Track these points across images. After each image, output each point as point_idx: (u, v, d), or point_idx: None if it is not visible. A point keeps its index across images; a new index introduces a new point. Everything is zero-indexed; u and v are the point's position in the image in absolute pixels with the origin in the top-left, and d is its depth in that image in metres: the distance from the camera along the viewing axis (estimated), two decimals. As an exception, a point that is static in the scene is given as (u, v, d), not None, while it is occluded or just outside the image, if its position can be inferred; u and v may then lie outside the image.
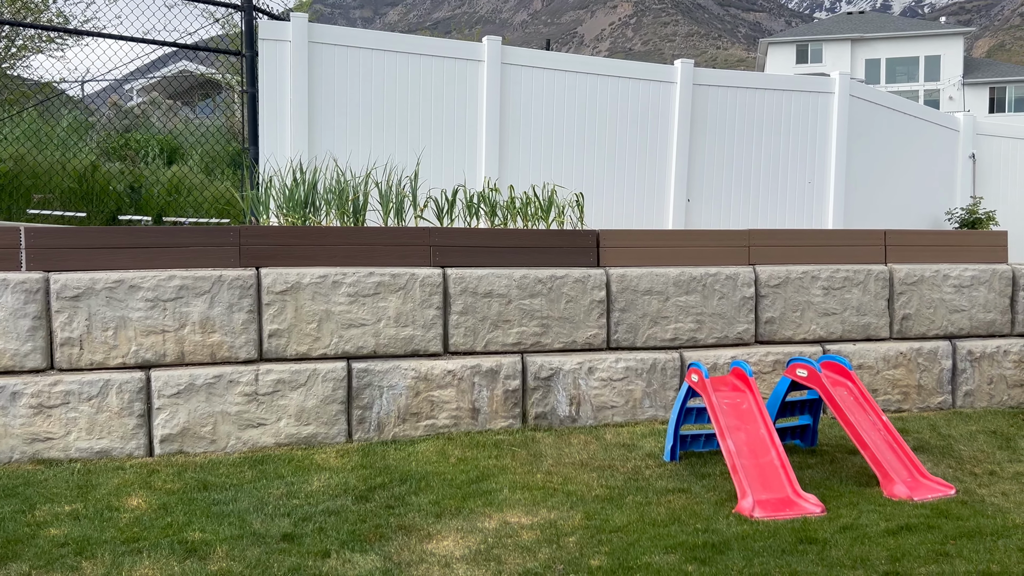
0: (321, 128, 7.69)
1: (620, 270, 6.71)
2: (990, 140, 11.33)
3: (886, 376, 7.13)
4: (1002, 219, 10.98)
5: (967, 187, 11.21)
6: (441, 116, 8.25)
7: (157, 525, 4.60)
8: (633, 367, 6.61)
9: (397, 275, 6.16)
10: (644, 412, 6.65)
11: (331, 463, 5.67)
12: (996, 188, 11.42)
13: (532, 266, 6.58)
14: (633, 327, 6.71)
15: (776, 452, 5.20)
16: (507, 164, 8.40)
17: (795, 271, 7.07)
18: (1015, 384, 7.43)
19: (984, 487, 5.39)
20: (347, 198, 6.27)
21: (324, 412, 5.97)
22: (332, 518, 4.74)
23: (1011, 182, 11.60)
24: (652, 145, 9.19)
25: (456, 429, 6.25)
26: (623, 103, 9.03)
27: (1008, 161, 11.57)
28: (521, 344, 6.46)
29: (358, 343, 6.08)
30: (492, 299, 6.36)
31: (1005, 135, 11.49)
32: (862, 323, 7.21)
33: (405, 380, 6.11)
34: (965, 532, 4.53)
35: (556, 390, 6.45)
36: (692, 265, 6.92)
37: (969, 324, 7.43)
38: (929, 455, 6.03)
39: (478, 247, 6.43)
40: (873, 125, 10.27)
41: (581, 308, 6.58)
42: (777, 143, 9.67)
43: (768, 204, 9.68)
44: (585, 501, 5.04)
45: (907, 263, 7.41)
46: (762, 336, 7.03)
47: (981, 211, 10.56)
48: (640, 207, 9.08)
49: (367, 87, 8.02)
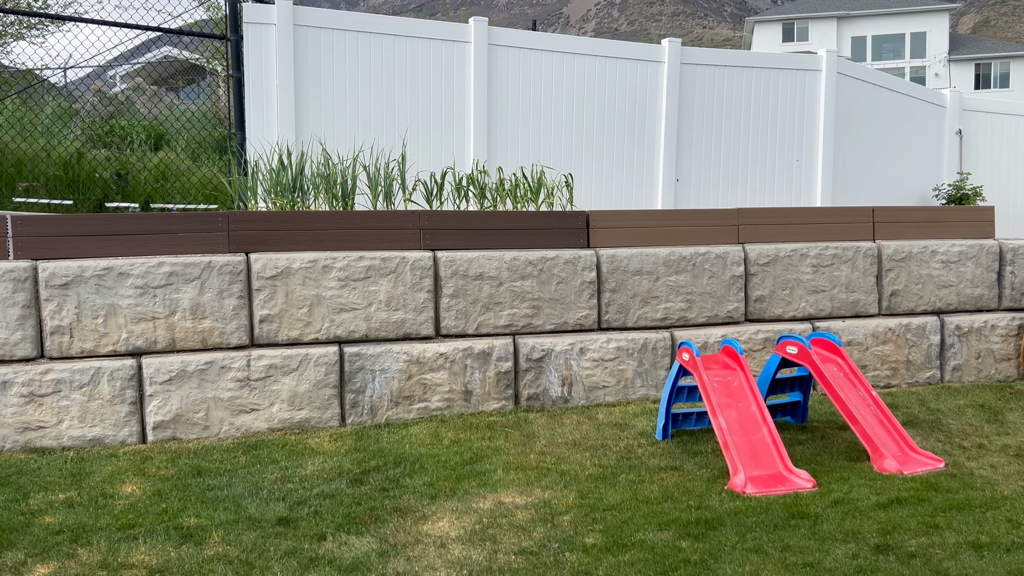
0: (308, 112, 7.64)
1: (610, 250, 6.72)
2: (977, 116, 11.36)
3: (875, 352, 7.18)
4: (989, 195, 11.04)
5: (954, 163, 11.25)
6: (429, 98, 8.21)
7: (152, 511, 4.60)
8: (624, 347, 6.63)
9: (387, 259, 6.15)
10: (636, 392, 6.69)
11: (325, 447, 5.68)
12: (983, 164, 11.47)
13: (522, 248, 6.58)
14: (624, 307, 6.73)
15: (767, 429, 5.24)
16: (495, 146, 8.37)
17: (784, 249, 7.10)
18: (1002, 358, 7.50)
19: (973, 460, 5.45)
20: (335, 182, 6.25)
21: (317, 396, 5.97)
22: (327, 501, 4.75)
23: (998, 158, 11.65)
24: (640, 125, 9.18)
25: (449, 411, 6.27)
26: (611, 83, 9.01)
27: (995, 137, 11.62)
28: (513, 326, 6.47)
29: (349, 327, 6.08)
30: (483, 281, 6.36)
31: (991, 111, 11.52)
32: (851, 300, 7.25)
33: (397, 363, 6.12)
34: (955, 504, 4.59)
35: (548, 371, 6.47)
36: (682, 245, 6.93)
37: (957, 299, 7.49)
38: (918, 429, 6.09)
39: (468, 230, 6.42)
40: (860, 102, 10.29)
41: (572, 289, 6.59)
42: (765, 121, 9.68)
43: (757, 183, 9.70)
44: (579, 480, 5.07)
45: (895, 240, 7.45)
46: (752, 314, 7.06)
47: (968, 187, 10.60)
48: (629, 188, 9.08)
49: (353, 70, 7.97)
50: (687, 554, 4.01)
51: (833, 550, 4.03)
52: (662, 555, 4.00)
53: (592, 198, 8.71)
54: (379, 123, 7.94)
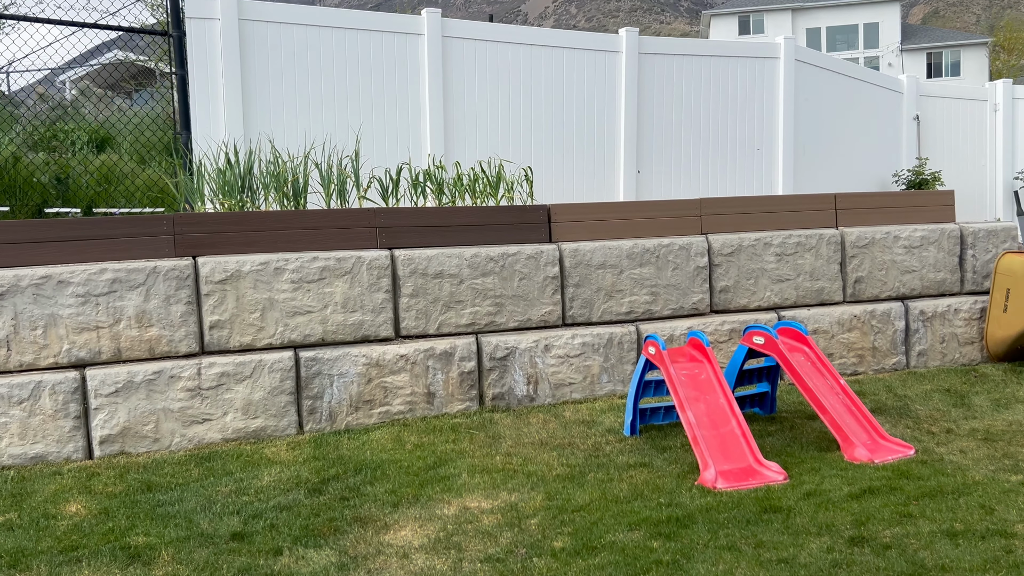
0: (257, 109, 7.39)
1: (573, 245, 6.58)
2: (933, 101, 11.42)
3: (841, 340, 7.13)
4: (947, 179, 11.10)
5: (912, 148, 11.30)
6: (383, 93, 7.99)
7: (98, 531, 4.36)
8: (590, 342, 6.49)
9: (342, 259, 5.94)
10: (602, 388, 6.55)
11: (282, 456, 5.47)
12: (940, 149, 11.54)
13: (483, 244, 6.41)
14: (588, 302, 6.59)
15: (736, 421, 5.14)
16: (453, 141, 8.18)
17: (748, 239, 7.01)
18: (966, 342, 7.50)
19: (942, 445, 5.40)
20: (285, 180, 6.02)
21: (272, 404, 5.75)
22: (284, 514, 4.54)
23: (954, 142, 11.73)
24: (600, 117, 9.05)
25: (412, 415, 6.08)
26: (569, 74, 8.87)
27: (951, 122, 11.70)
28: (475, 324, 6.30)
29: (305, 331, 5.86)
30: (443, 280, 6.18)
31: (947, 95, 11.60)
32: (816, 288, 7.20)
33: (356, 367, 5.91)
34: (927, 492, 4.52)
35: (513, 370, 6.31)
36: (645, 237, 6.81)
37: (920, 284, 7.47)
38: (887, 416, 6.04)
39: (426, 227, 6.24)
40: (819, 89, 10.27)
41: (535, 285, 6.44)
42: (725, 110, 9.61)
43: (719, 172, 9.63)
44: (546, 481, 4.92)
45: (858, 226, 7.41)
46: (717, 305, 6.97)
47: (927, 172, 10.65)
48: (591, 180, 8.96)
49: (303, 65, 7.72)
50: (659, 555, 3.87)
51: (807, 544, 3.93)
52: (633, 557, 3.86)
53: (553, 192, 8.57)
54: (331, 119, 7.71)
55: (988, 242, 7.65)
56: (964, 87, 12.04)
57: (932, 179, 10.51)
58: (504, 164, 7.32)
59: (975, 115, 11.83)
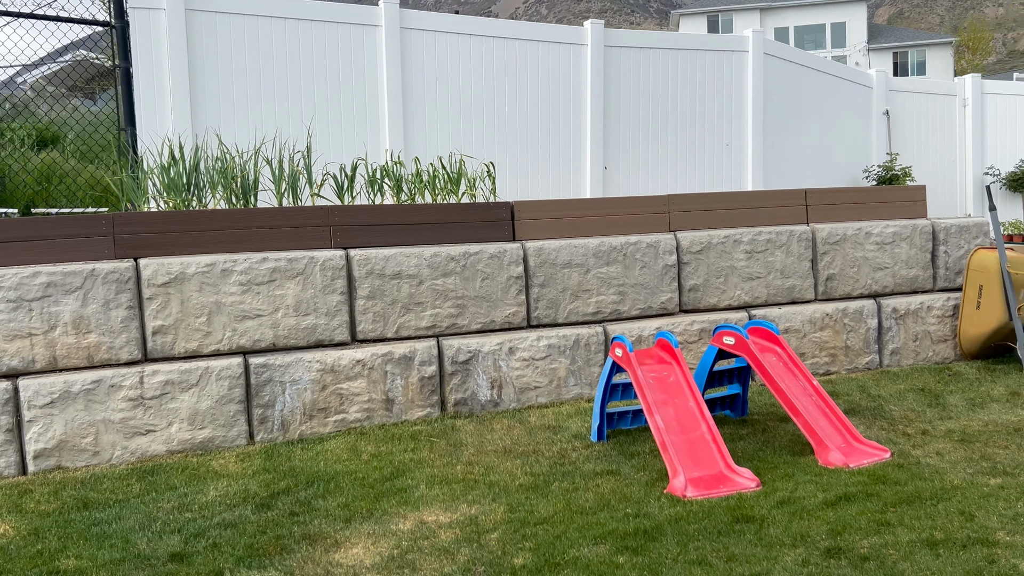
0: (205, 103, 7.07)
1: (537, 243, 6.34)
2: (903, 96, 11.34)
3: (813, 339, 6.96)
4: (917, 175, 11.02)
5: (883, 144, 11.20)
6: (339, 86, 7.70)
7: (25, 554, 4.04)
8: (555, 344, 6.26)
9: (294, 259, 5.65)
10: (569, 391, 6.32)
11: (230, 469, 5.16)
12: (910, 144, 11.45)
13: (444, 243, 6.15)
14: (554, 302, 6.36)
15: (707, 426, 4.92)
16: (412, 136, 7.91)
17: (717, 236, 6.82)
18: (939, 340, 7.37)
19: (918, 448, 5.23)
20: (234, 176, 5.72)
21: (221, 413, 5.44)
22: (228, 531, 4.25)
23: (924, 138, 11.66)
24: (566, 111, 8.82)
25: (369, 422, 5.80)
26: (534, 68, 8.63)
27: (921, 117, 11.62)
28: (436, 327, 6.03)
29: (254, 336, 5.56)
30: (402, 280, 5.91)
31: (917, 90, 11.51)
32: (787, 286, 7.02)
33: (309, 373, 5.62)
34: (904, 498, 4.33)
35: (476, 374, 6.05)
36: (612, 235, 6.60)
37: (893, 281, 7.33)
38: (861, 418, 5.87)
39: (383, 225, 5.96)
40: (788, 84, 10.13)
41: (498, 285, 6.19)
42: (693, 105, 9.43)
43: (687, 168, 9.44)
44: (508, 492, 4.67)
45: (829, 222, 7.25)
46: (686, 304, 6.76)
47: (898, 167, 10.54)
48: (557, 177, 8.73)
49: (254, 57, 7.41)
50: (625, 571, 3.64)
51: (782, 557, 3.71)
52: (598, 574, 3.62)
53: (518, 189, 8.33)
54: (284, 113, 7.40)
55: (960, 238, 7.52)
56: (933, 82, 11.97)
57: (903, 174, 10.41)
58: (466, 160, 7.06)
59: (944, 110, 11.77)
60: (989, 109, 11.62)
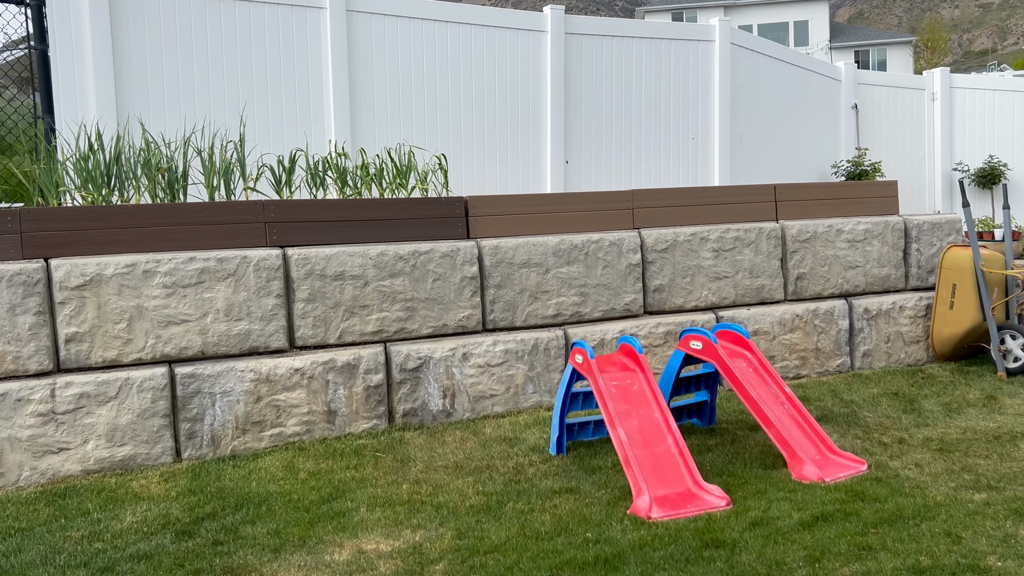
0: (132, 89, 6.55)
1: (493, 241, 5.93)
2: (871, 90, 11.09)
3: (783, 341, 6.64)
4: (887, 170, 10.78)
5: (851, 138, 10.94)
6: (279, 72, 7.20)
7: (-96, 597, 3.54)
8: (513, 349, 5.85)
9: (225, 259, 5.17)
10: (528, 399, 5.92)
11: (152, 490, 4.68)
12: (879, 139, 11.21)
13: (392, 241, 5.71)
14: (511, 305, 5.95)
15: (673, 438, 4.55)
16: (360, 126, 7.45)
17: (683, 233, 6.46)
18: (911, 341, 7.09)
19: (896, 458, 4.91)
20: (158, 168, 5.22)
21: (143, 428, 4.95)
22: (141, 565, 3.79)
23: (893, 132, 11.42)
24: (525, 102, 8.41)
25: (309, 436, 5.34)
26: (491, 55, 8.20)
27: (889, 111, 11.38)
28: (383, 332, 5.59)
29: (181, 343, 5.08)
30: (345, 282, 5.46)
31: (885, 84, 11.28)
32: (756, 286, 6.69)
33: (243, 384, 5.15)
34: (886, 517, 4.00)
35: (426, 382, 5.62)
36: (573, 232, 6.21)
37: (864, 280, 7.03)
38: (834, 425, 5.55)
39: (325, 222, 5.51)
40: (756, 75, 9.81)
41: (451, 287, 5.76)
42: (659, 97, 9.07)
43: (652, 163, 9.09)
44: (458, 514, 4.25)
45: (799, 219, 6.93)
46: (651, 306, 6.40)
47: (867, 163, 10.29)
48: (515, 171, 8.32)
49: (186, 39, 6.88)
50: (583, 609, 3.25)
51: (756, 590, 3.35)
52: (553, 614, 3.23)
53: (475, 184, 7.91)
54: (220, 100, 6.89)
55: (932, 235, 7.26)
56: (902, 75, 11.75)
57: (872, 170, 10.15)
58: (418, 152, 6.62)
59: (913, 104, 11.54)
60: (958, 103, 11.43)
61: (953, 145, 11.47)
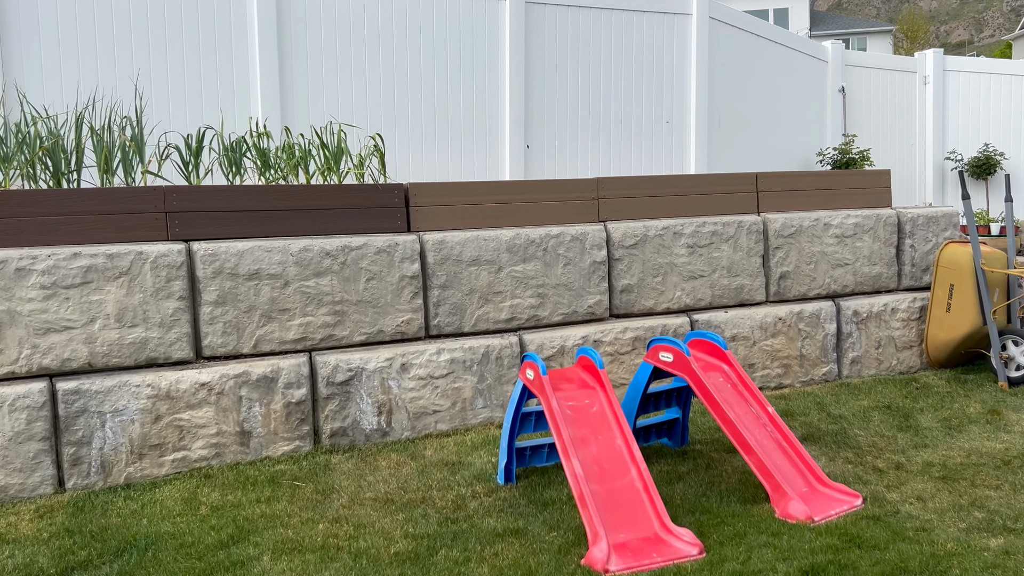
0: (14, 53, 5.74)
1: (438, 235, 5.20)
2: (860, 72, 10.41)
3: (764, 347, 5.98)
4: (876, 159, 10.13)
5: (838, 124, 10.27)
6: (195, 39, 6.39)
7: None
8: (460, 358, 5.14)
9: (117, 255, 4.41)
10: (477, 415, 5.22)
11: (21, 530, 3.94)
12: (867, 125, 10.54)
13: (318, 235, 4.97)
14: (458, 308, 5.24)
15: (637, 470, 3.87)
16: (292, 102, 6.66)
17: (654, 227, 5.77)
18: (904, 346, 6.46)
19: (894, 488, 4.26)
20: (42, 147, 4.44)
21: (17, 455, 4.20)
22: (-22, 638, 3.05)
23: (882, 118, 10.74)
24: (480, 79, 7.66)
25: (219, 461, 4.61)
26: (442, 25, 7.43)
27: (878, 95, 10.69)
28: (307, 340, 4.86)
29: (63, 354, 4.31)
30: (261, 282, 4.72)
31: (874, 66, 10.60)
32: (734, 286, 6.02)
33: (138, 401, 4.40)
34: (888, 570, 3.34)
35: (358, 397, 4.90)
36: (530, 225, 5.50)
37: (854, 280, 6.39)
38: (822, 446, 4.89)
39: (238, 212, 4.76)
40: (737, 53, 9.10)
41: (388, 287, 5.04)
42: (630, 76, 8.34)
43: (622, 149, 8.37)
44: (379, 565, 3.55)
45: (783, 211, 6.27)
46: (618, 308, 5.71)
47: (855, 150, 9.62)
48: (470, 156, 7.57)
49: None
50: None
51: None
52: None
53: (424, 170, 7.17)
54: (124, 67, 6.06)
55: (928, 230, 6.62)
56: (892, 57, 11.08)
57: (860, 158, 9.49)
58: (357, 134, 5.85)
59: (904, 88, 10.88)
60: (951, 88, 10.79)
61: (946, 133, 10.84)
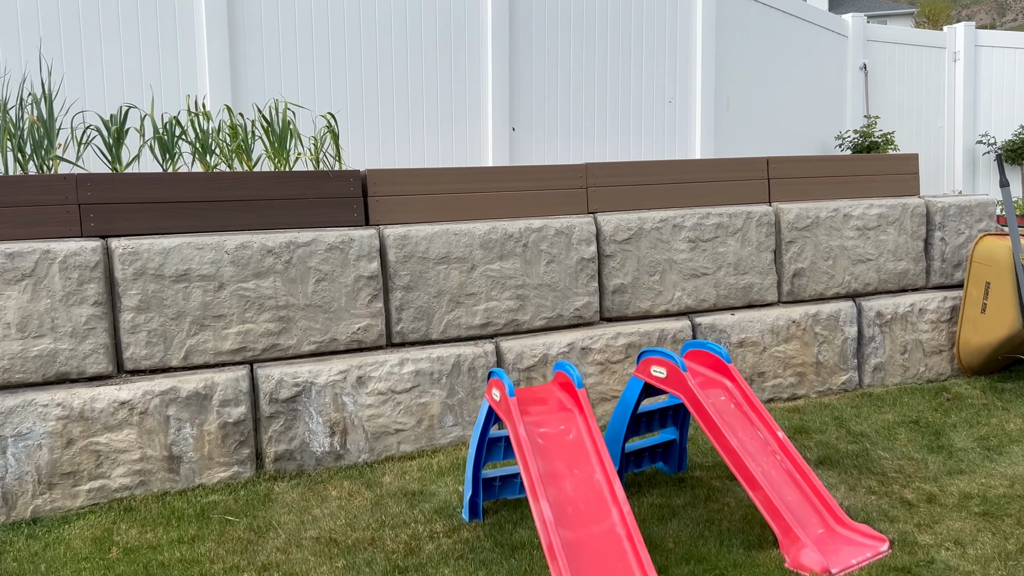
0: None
1: (401, 229, 4.57)
2: (883, 48, 9.62)
3: (775, 353, 5.32)
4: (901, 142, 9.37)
5: (859, 105, 9.50)
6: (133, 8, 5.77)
7: None
8: (427, 370, 4.52)
9: (18, 255, 3.81)
10: (447, 434, 4.60)
11: None
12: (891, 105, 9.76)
13: (259, 229, 4.35)
14: (425, 312, 4.61)
15: (619, 512, 3.24)
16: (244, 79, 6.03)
17: (651, 219, 5.11)
18: (933, 351, 5.78)
19: (926, 529, 3.61)
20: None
21: (-101, 488, 3.62)
22: None
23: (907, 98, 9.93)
24: (459, 55, 6.98)
25: (144, 490, 4.01)
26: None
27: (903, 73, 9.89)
28: (248, 350, 4.25)
29: (-47, 370, 3.73)
30: (192, 284, 4.11)
31: (899, 41, 9.81)
32: (742, 285, 5.36)
33: (47, 423, 3.81)
34: (924, 651, 2.69)
35: (307, 415, 4.29)
36: (509, 218, 4.86)
37: (877, 278, 5.71)
38: (841, 472, 4.24)
39: (165, 203, 4.14)
40: (747, 27, 8.37)
41: (342, 289, 4.41)
42: (628, 51, 7.63)
43: (618, 131, 7.68)
44: (304, 630, 2.94)
45: (797, 201, 5.59)
46: (610, 311, 5.06)
47: (877, 133, 8.88)
48: (448, 140, 6.92)
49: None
50: None
51: None
52: None
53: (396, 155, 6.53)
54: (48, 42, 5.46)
55: (960, 221, 5.93)
56: (918, 32, 10.28)
57: (884, 142, 8.75)
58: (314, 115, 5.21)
59: (931, 65, 10.08)
60: (984, 65, 9.97)
61: (977, 113, 10.02)
